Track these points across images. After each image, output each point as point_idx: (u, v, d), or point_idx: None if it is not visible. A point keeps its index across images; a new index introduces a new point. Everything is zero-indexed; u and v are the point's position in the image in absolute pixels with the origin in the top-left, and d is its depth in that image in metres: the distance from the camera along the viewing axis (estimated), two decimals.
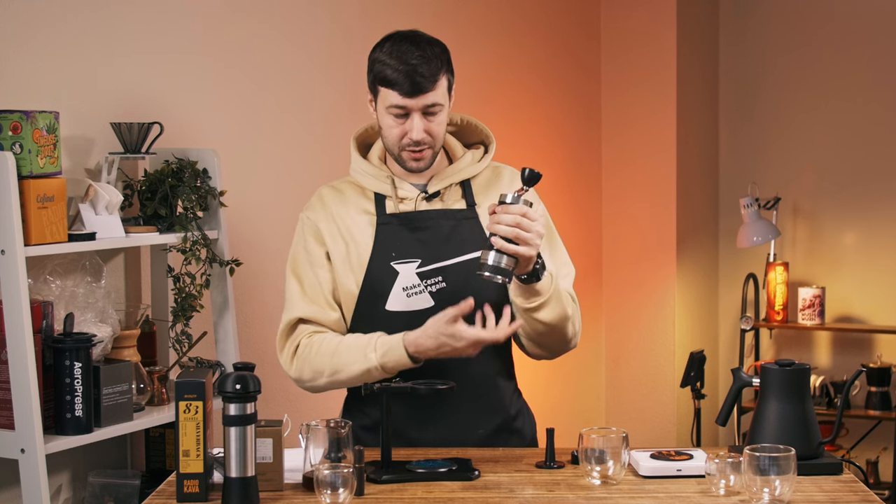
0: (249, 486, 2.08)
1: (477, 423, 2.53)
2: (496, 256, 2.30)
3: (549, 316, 2.46)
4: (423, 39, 2.46)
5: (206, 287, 3.01)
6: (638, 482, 2.25)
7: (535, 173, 2.32)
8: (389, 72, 2.41)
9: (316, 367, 2.47)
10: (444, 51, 2.47)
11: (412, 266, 2.48)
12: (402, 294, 2.48)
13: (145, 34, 3.07)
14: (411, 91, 2.41)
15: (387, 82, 2.43)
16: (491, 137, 2.64)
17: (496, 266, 2.30)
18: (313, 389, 2.54)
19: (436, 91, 2.43)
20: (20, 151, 2.53)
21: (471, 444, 2.51)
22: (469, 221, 2.52)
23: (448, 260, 2.49)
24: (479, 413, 2.53)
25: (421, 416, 2.49)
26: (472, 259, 2.46)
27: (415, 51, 2.42)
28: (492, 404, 2.55)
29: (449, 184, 2.54)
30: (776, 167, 5.34)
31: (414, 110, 2.43)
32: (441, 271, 2.48)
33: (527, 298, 2.43)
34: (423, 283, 2.48)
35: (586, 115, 5.17)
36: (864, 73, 5.17)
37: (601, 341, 5.30)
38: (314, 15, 3.65)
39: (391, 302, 2.48)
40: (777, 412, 2.32)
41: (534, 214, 2.32)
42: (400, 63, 2.41)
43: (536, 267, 2.38)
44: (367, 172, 2.55)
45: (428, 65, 2.41)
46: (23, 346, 2.49)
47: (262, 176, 3.46)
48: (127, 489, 2.82)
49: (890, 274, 5.15)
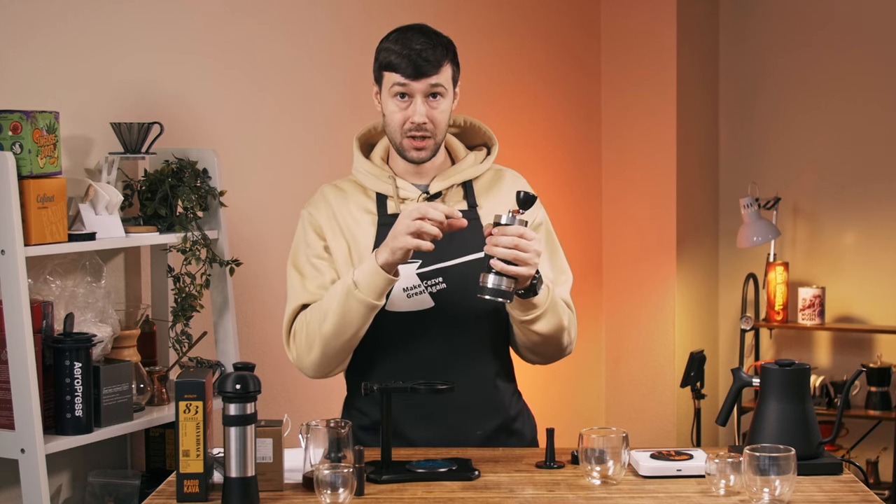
0: (249, 486, 2.08)
1: (476, 424, 2.53)
2: (496, 279, 2.29)
3: (545, 328, 2.47)
4: (430, 31, 2.49)
5: (206, 287, 3.01)
6: (638, 482, 2.26)
7: (530, 196, 2.32)
8: (394, 57, 2.44)
9: (310, 332, 2.46)
10: (451, 43, 2.50)
11: (413, 266, 2.48)
12: (402, 294, 2.48)
13: (145, 34, 3.07)
14: (415, 73, 2.43)
15: (391, 66, 2.45)
16: (494, 139, 2.64)
17: (496, 288, 2.29)
18: (316, 367, 2.49)
19: (439, 75, 2.45)
20: (20, 151, 2.53)
21: (470, 445, 2.51)
22: (470, 223, 2.51)
23: (448, 261, 2.48)
24: (477, 414, 2.53)
25: (420, 416, 2.49)
26: (472, 260, 2.47)
27: (420, 38, 2.45)
28: (491, 406, 2.55)
29: (451, 184, 2.54)
30: (776, 167, 5.34)
31: (417, 93, 2.44)
32: (441, 272, 2.48)
33: (523, 311, 2.43)
34: (423, 284, 2.48)
35: (586, 115, 5.17)
36: (864, 73, 5.17)
37: (601, 341, 5.30)
38: (314, 15, 3.65)
39: (391, 302, 2.48)
40: (777, 412, 2.32)
41: (531, 234, 2.31)
42: (404, 48, 2.43)
43: (534, 282, 2.38)
44: (368, 172, 2.56)
45: (433, 50, 2.44)
46: (23, 346, 2.48)
47: (262, 176, 3.46)
48: (127, 489, 2.82)
49: (890, 274, 5.15)
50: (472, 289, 2.37)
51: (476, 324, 2.51)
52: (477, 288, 2.32)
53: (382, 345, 2.51)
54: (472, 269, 2.43)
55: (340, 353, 2.48)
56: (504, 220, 2.31)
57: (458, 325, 2.49)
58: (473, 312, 2.49)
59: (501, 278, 2.29)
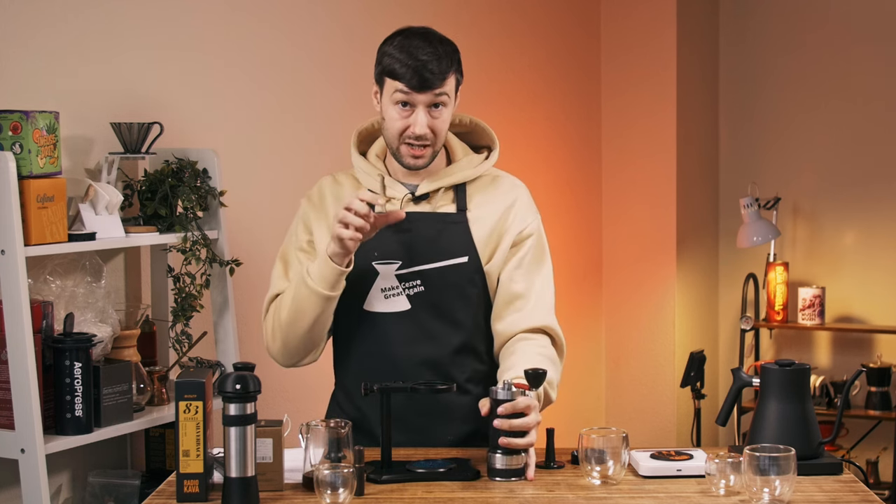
0: (249, 486, 2.08)
1: (444, 428, 2.50)
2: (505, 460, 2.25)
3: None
4: (435, 37, 2.43)
5: (206, 287, 3.01)
6: (638, 482, 2.25)
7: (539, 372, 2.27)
8: (398, 66, 2.39)
9: (274, 320, 2.48)
10: (455, 51, 2.45)
11: (392, 267, 2.46)
12: (380, 295, 2.47)
13: (145, 34, 3.07)
14: (419, 85, 2.38)
15: (394, 75, 2.40)
16: (496, 143, 2.60)
17: (507, 469, 2.25)
18: (281, 355, 2.51)
19: (443, 87, 2.41)
20: (20, 151, 2.53)
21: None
22: (456, 226, 2.49)
23: (428, 264, 2.46)
24: (445, 419, 2.49)
25: (393, 417, 2.40)
26: (451, 265, 2.45)
27: (426, 47, 2.39)
28: (461, 411, 2.50)
29: (438, 187, 2.51)
30: (776, 167, 5.34)
31: (419, 104, 2.40)
32: (420, 275, 2.46)
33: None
34: (401, 286, 2.46)
35: (586, 115, 5.17)
36: (865, 72, 5.17)
37: (601, 341, 5.30)
38: (314, 14, 3.65)
39: (369, 302, 2.47)
40: (777, 412, 2.32)
41: (528, 401, 2.24)
42: (409, 58, 2.38)
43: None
44: (361, 168, 2.55)
45: (438, 62, 2.39)
46: (23, 346, 2.48)
47: (262, 176, 3.46)
48: (127, 489, 2.82)
49: (890, 274, 5.15)
50: (450, 294, 2.36)
51: (450, 329, 2.48)
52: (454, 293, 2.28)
53: (357, 342, 2.50)
54: (451, 275, 2.43)
55: (302, 343, 2.48)
56: (501, 394, 2.25)
57: (431, 329, 2.47)
58: (448, 318, 2.47)
59: (511, 457, 2.24)
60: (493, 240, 2.50)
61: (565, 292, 2.63)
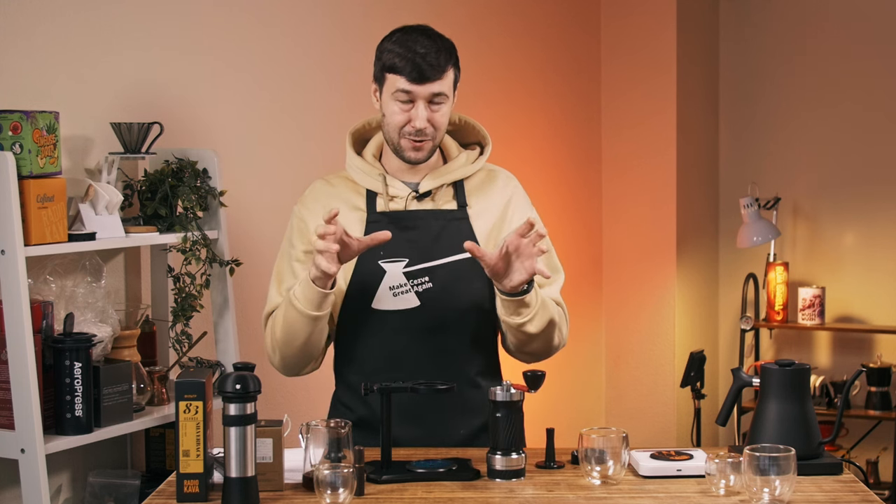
0: (249, 486, 2.08)
1: (456, 423, 2.52)
2: (505, 460, 2.27)
3: (535, 328, 2.46)
4: (433, 33, 2.49)
5: (206, 287, 3.01)
6: (638, 482, 2.26)
7: (538, 375, 2.33)
8: (398, 60, 2.43)
9: (271, 336, 2.50)
10: (453, 47, 2.50)
11: (399, 265, 2.48)
12: (388, 293, 2.48)
13: (145, 34, 3.07)
14: (419, 78, 2.42)
15: (395, 69, 2.44)
16: (487, 139, 2.63)
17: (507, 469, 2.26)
18: (282, 368, 2.54)
19: (443, 81, 2.45)
20: (20, 151, 2.53)
21: (452, 444, 2.50)
22: (459, 222, 2.52)
23: (435, 260, 2.48)
24: (457, 413, 2.52)
25: (399, 414, 2.44)
26: (459, 260, 2.47)
27: (425, 41, 2.44)
28: (472, 405, 2.52)
29: (440, 184, 2.54)
30: (776, 167, 5.34)
31: (419, 98, 2.44)
32: (428, 272, 2.49)
33: (513, 314, 2.43)
34: (409, 283, 2.48)
35: (586, 115, 5.17)
36: (865, 73, 5.17)
37: (601, 341, 5.30)
38: (314, 15, 3.65)
39: (378, 300, 2.48)
40: (777, 412, 2.32)
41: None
42: (409, 52, 2.42)
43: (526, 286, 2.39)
44: (359, 169, 2.56)
45: (437, 55, 2.43)
46: (23, 346, 2.48)
47: (262, 176, 3.46)
48: (127, 489, 2.82)
49: (890, 274, 5.15)
50: (458, 288, 2.36)
51: (460, 324, 2.50)
52: (463, 287, 2.30)
53: (364, 340, 2.51)
54: (459, 270, 2.44)
55: (300, 357, 2.50)
56: (500, 396, 2.27)
57: (442, 324, 2.49)
58: (458, 312, 2.49)
59: (511, 457, 2.26)
60: (495, 233, 2.55)
61: (565, 292, 2.63)
